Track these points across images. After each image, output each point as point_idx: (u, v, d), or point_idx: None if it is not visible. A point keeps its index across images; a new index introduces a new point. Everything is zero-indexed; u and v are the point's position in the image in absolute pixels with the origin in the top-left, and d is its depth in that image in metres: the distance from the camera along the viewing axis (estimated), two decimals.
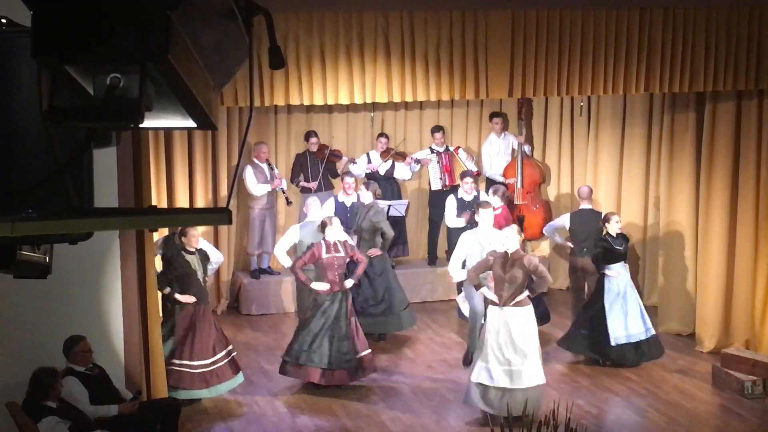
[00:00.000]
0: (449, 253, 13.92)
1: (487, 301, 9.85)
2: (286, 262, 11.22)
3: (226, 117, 12.91)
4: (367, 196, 11.79)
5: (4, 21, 2.70)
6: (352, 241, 11.18)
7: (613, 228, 11.10)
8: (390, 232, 11.62)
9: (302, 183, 13.36)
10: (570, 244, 12.04)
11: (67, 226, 2.45)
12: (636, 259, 13.50)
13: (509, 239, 9.55)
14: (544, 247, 14.66)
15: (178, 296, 9.81)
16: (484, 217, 10.46)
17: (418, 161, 13.78)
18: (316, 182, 13.30)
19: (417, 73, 9.81)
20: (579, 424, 8.46)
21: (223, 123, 12.89)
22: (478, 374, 9.42)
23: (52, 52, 2.05)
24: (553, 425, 8.15)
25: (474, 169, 13.60)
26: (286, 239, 11.48)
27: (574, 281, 12.14)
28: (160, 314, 9.56)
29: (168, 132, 11.89)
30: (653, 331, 11.10)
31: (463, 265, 10.84)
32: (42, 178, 2.43)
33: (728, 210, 11.34)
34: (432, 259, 14.06)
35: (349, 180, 12.43)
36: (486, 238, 10.35)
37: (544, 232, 12.79)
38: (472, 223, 11.62)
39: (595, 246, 11.18)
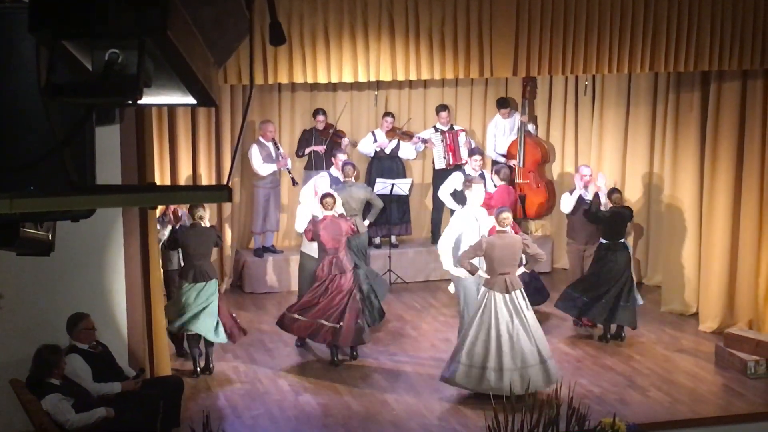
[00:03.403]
0: None
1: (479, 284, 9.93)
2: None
3: (229, 94, 12.89)
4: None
5: None
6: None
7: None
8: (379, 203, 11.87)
9: (310, 148, 13.29)
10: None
11: (66, 202, 2.45)
12: (639, 238, 13.50)
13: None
14: (547, 227, 14.66)
15: None
16: (476, 192, 10.39)
17: (424, 140, 13.74)
18: (324, 146, 13.26)
19: (421, 52, 9.78)
20: (581, 403, 8.47)
21: (227, 101, 12.87)
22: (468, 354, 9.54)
23: (49, 28, 2.04)
24: (555, 404, 8.16)
25: (465, 157, 13.42)
26: (303, 214, 11.43)
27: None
28: (164, 292, 9.59)
29: (171, 109, 11.88)
30: None
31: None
32: (41, 155, 2.42)
33: (732, 190, 11.32)
34: (435, 238, 13.98)
35: (342, 156, 12.37)
36: (480, 214, 10.34)
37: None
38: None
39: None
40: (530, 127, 14.00)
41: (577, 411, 8.16)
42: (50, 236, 3.30)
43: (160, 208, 10.60)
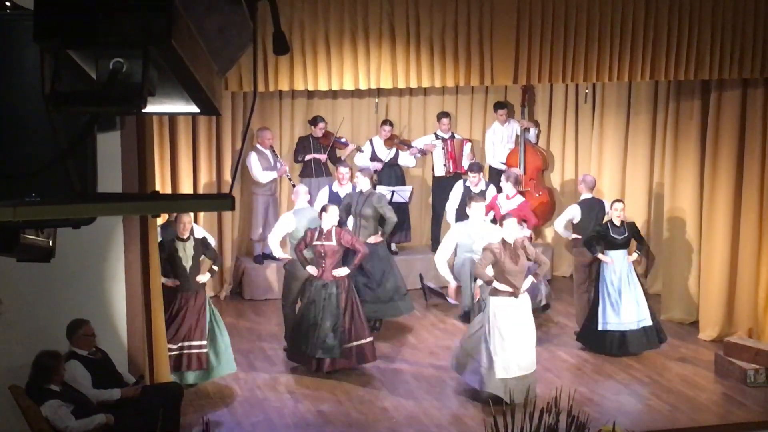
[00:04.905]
0: None
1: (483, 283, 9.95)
2: (278, 251, 11.10)
3: (230, 102, 12.89)
4: (364, 183, 11.67)
5: (8, 4, 2.70)
6: (349, 229, 11.10)
7: (613, 215, 11.06)
8: (393, 217, 11.54)
9: (310, 155, 13.25)
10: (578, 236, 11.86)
11: (69, 211, 2.45)
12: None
13: (509, 230, 9.65)
14: (547, 235, 14.65)
15: (163, 279, 9.72)
16: (476, 210, 10.44)
17: (422, 152, 13.77)
18: (325, 155, 13.26)
19: (422, 59, 9.79)
20: (581, 411, 8.45)
21: (228, 108, 12.87)
22: (497, 368, 9.48)
23: (54, 36, 2.04)
24: (555, 412, 8.15)
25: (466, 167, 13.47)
26: (280, 228, 11.27)
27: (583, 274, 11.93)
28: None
29: (172, 117, 11.88)
30: (649, 322, 11.04)
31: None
32: (45, 163, 2.42)
33: (732, 198, 11.32)
34: (435, 246, 13.99)
35: (343, 170, 12.34)
36: (476, 231, 10.35)
37: (555, 229, 12.47)
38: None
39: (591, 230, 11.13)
40: (532, 132, 14.01)
41: (577, 419, 8.14)
42: (51, 242, 3.30)
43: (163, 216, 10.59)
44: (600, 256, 10.97)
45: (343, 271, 10.32)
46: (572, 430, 8.19)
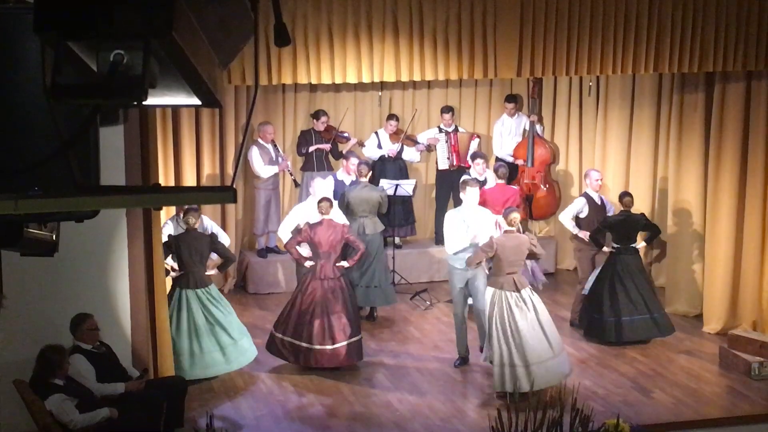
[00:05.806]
0: None
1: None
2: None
3: (233, 95, 12.88)
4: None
5: None
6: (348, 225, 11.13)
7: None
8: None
9: (314, 146, 13.24)
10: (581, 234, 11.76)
11: (71, 204, 2.44)
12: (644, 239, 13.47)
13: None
14: (551, 228, 14.64)
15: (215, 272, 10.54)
16: (470, 195, 10.42)
17: (428, 147, 13.76)
18: (329, 145, 13.25)
19: (425, 52, 9.77)
20: (585, 404, 8.46)
21: (231, 101, 12.85)
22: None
23: (54, 29, 2.04)
24: (559, 406, 8.15)
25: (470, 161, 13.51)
26: (290, 220, 11.37)
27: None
28: (167, 292, 9.57)
29: (175, 110, 11.87)
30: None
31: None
32: (47, 156, 2.42)
33: (736, 190, 11.31)
34: (439, 239, 14.02)
35: (354, 161, 12.35)
36: (470, 216, 10.35)
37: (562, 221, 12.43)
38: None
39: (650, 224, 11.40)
40: (538, 127, 13.99)
41: (581, 412, 8.15)
42: (54, 237, 3.30)
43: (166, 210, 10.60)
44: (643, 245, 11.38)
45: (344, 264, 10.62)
46: (576, 423, 8.20)
